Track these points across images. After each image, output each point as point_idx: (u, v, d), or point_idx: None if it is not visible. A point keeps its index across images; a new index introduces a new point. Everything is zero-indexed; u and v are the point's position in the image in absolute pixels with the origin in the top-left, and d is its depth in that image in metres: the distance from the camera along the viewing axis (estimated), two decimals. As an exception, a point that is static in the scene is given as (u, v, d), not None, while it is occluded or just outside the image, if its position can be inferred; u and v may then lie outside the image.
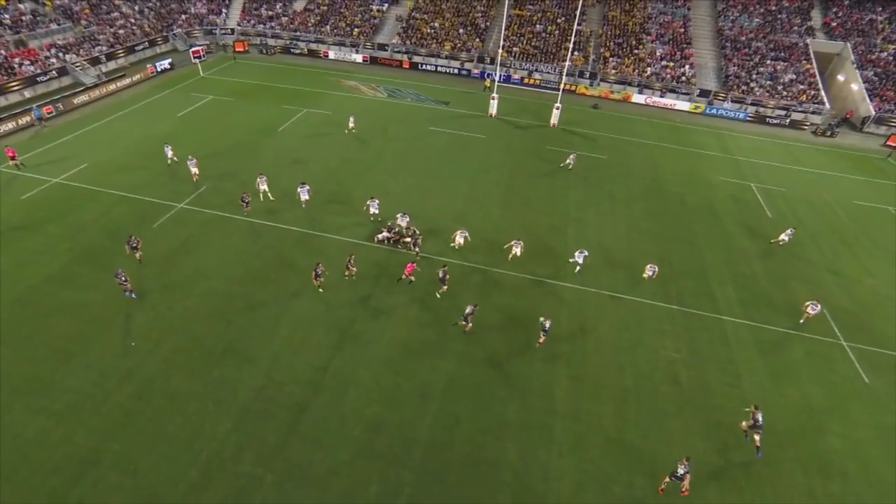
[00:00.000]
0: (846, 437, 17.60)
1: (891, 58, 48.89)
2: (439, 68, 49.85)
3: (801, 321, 21.63)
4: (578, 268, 23.23)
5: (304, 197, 26.11)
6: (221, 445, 15.47)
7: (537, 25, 53.02)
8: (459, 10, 54.89)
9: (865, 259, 27.49)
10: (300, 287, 21.55)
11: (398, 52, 51.24)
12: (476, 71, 49.10)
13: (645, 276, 22.91)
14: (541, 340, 19.46)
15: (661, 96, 46.87)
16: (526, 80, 48.17)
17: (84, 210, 25.48)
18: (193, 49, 45.29)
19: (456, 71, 49.45)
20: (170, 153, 29.06)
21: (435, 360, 18.81)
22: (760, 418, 16.37)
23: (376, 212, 25.37)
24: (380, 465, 15.30)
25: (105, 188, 27.43)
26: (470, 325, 19.55)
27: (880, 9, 52.17)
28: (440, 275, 21.09)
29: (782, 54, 50.06)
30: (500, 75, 48.65)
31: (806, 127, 45.21)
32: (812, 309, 21.23)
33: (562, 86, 39.71)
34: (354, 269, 21.50)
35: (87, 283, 20.85)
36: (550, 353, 19.43)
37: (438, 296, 21.38)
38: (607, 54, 50.23)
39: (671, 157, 36.76)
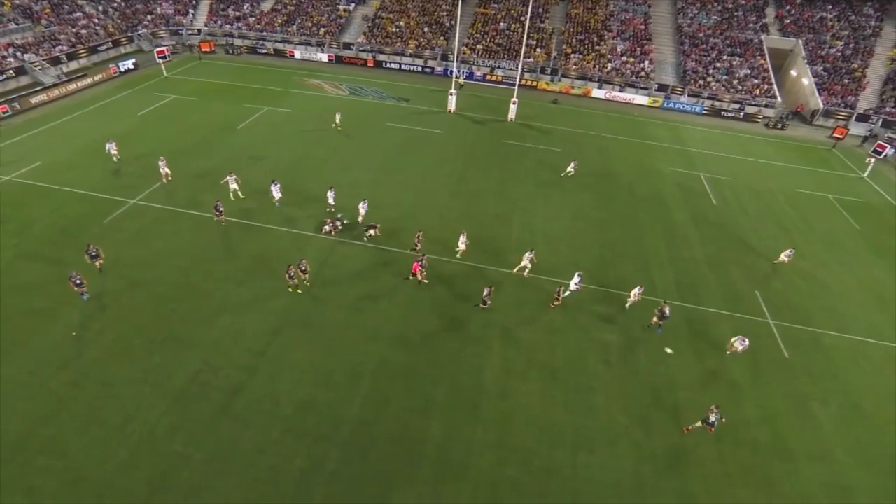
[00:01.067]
0: (761, 408, 18.39)
1: (839, 54, 50.39)
2: (403, 66, 50.38)
3: (728, 352, 20.34)
4: (569, 293, 21.71)
5: (277, 195, 26.34)
6: (153, 427, 15.83)
7: (501, 23, 53.71)
8: (425, 9, 55.44)
9: (800, 243, 28.46)
10: (245, 276, 21.92)
11: (363, 50, 51.67)
12: (439, 69, 49.65)
13: (627, 303, 21.97)
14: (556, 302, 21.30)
15: (621, 91, 47.80)
16: (489, 77, 48.84)
17: (34, 207, 25.59)
18: (158, 49, 45.32)
19: (419, 69, 49.99)
20: (113, 150, 29.20)
21: (370, 344, 19.30)
22: (668, 311, 20.25)
23: (333, 203, 25.87)
24: (307, 442, 15.75)
25: (58, 186, 27.52)
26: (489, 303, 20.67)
27: (830, 7, 53.70)
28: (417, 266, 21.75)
29: (738, 50, 51.32)
30: (463, 72, 49.21)
31: (759, 120, 46.43)
32: (740, 344, 19.66)
33: (518, 81, 40.19)
34: (305, 275, 21.19)
35: (32, 278, 21.03)
36: (485, 336, 20.01)
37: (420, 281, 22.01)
38: (569, 51, 51.08)
39: (625, 149, 37.63)
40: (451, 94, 40.14)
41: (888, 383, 20.08)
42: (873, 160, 37.74)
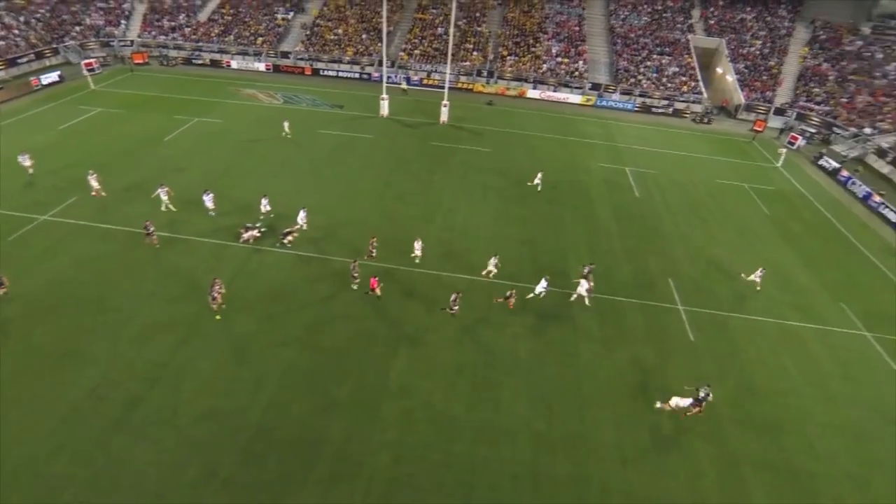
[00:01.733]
0: (662, 391, 18.85)
1: (758, 52, 52.64)
2: (341, 73, 50.21)
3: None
4: (532, 295, 21.98)
5: (210, 205, 25.83)
6: (36, 448, 15.21)
7: (439, 28, 54.08)
8: (363, 17, 55.40)
9: (715, 230, 29.54)
10: (157, 288, 21.39)
11: (301, 59, 51.27)
12: (377, 75, 49.63)
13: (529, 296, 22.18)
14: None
15: (555, 91, 48.75)
16: (425, 81, 49.09)
17: (-67, 226, 24.39)
18: (87, 61, 43.96)
19: (357, 75, 49.88)
20: (26, 163, 28.17)
21: (278, 350, 19.05)
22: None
23: (267, 210, 25.65)
24: (202, 451, 15.43)
25: (-38, 203, 26.31)
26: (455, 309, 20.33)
27: (749, 8, 56.17)
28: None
29: (667, 49, 53.02)
30: (399, 77, 49.36)
31: (687, 115, 48.06)
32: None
33: (447, 84, 40.45)
34: (219, 296, 20.12)
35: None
36: (394, 337, 19.98)
37: (354, 288, 21.69)
38: (505, 53, 51.80)
39: (555, 147, 38.34)
40: (383, 99, 40.18)
41: (781, 359, 20.93)
42: (785, 151, 39.41)
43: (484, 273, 23.04)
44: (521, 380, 18.78)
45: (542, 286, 21.80)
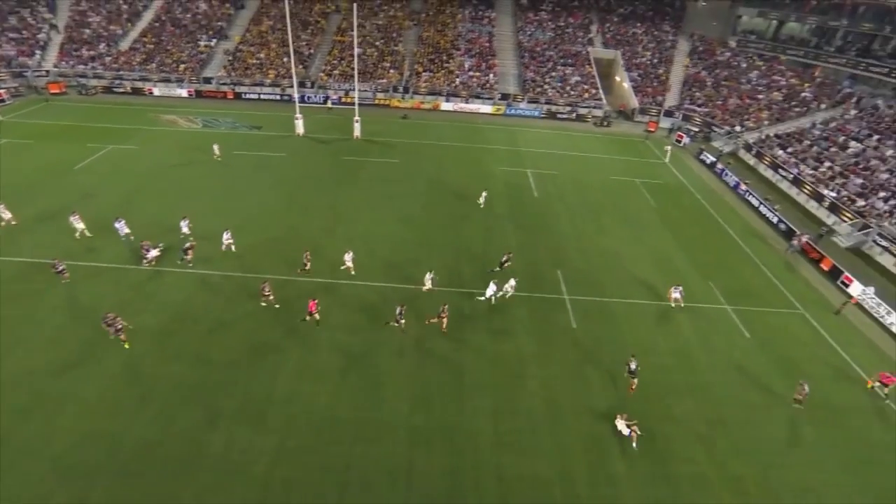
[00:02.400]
0: (540, 378, 19.14)
1: (648, 62, 55.26)
2: (262, 96, 49.04)
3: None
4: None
5: (124, 231, 24.43)
6: None
7: (357, 49, 53.60)
8: (284, 41, 54.29)
9: (606, 223, 30.53)
10: (46, 317, 19.98)
11: (223, 84, 49.74)
12: (296, 96, 48.71)
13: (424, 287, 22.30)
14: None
15: (467, 102, 49.37)
16: (344, 99, 48.62)
17: None
18: (-5, 93, 41.02)
19: (278, 97, 48.86)
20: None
21: (168, 365, 18.17)
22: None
23: (186, 232, 24.68)
24: (74, 477, 14.46)
25: None
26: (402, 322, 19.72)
27: (639, 24, 59.07)
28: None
29: (570, 61, 54.70)
30: (321, 96, 48.76)
31: (589, 119, 49.60)
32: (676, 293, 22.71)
33: (356, 101, 40.14)
34: (120, 327, 18.59)
35: None
36: (284, 345, 19.46)
37: (264, 304, 20.83)
38: (421, 69, 52.03)
39: (463, 154, 38.69)
40: (297, 119, 39.47)
41: (654, 336, 21.69)
42: (670, 148, 41.45)
43: (425, 290, 22.28)
44: (405, 377, 18.60)
45: (510, 285, 22.28)
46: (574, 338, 21.37)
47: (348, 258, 22.99)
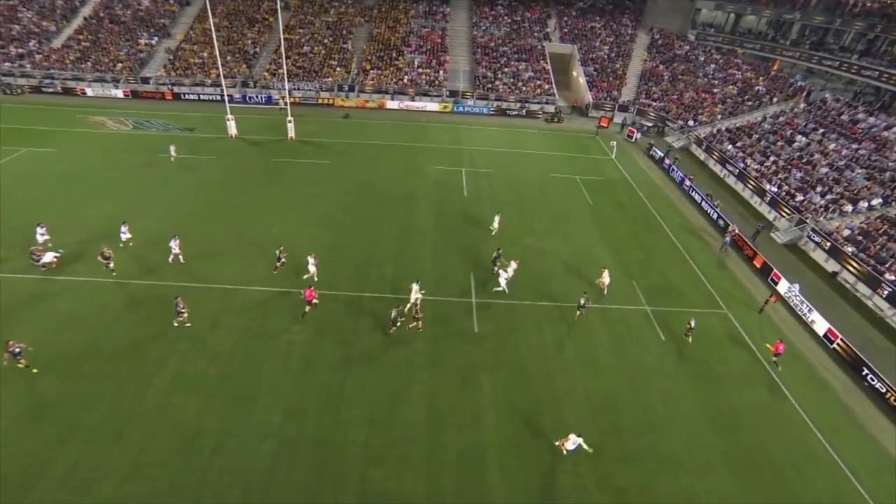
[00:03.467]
0: (427, 385, 18.74)
1: (605, 56, 55.21)
2: (203, 97, 48.36)
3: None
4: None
5: (44, 237, 23.72)
6: None
7: (304, 46, 53.28)
8: (230, 39, 53.75)
9: (534, 222, 30.33)
10: None
11: (162, 84, 49.00)
12: (238, 95, 48.24)
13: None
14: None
15: (413, 100, 49.00)
16: (288, 100, 47.91)
17: None
18: None
19: (218, 97, 48.12)
20: None
21: (29, 379, 17.52)
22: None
23: (128, 236, 24.31)
24: None
25: None
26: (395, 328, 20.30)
27: (598, 18, 59.18)
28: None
29: (524, 56, 54.55)
30: (262, 96, 48.28)
31: (540, 116, 49.51)
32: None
33: (288, 100, 39.71)
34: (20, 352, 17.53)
35: None
36: (164, 355, 18.92)
37: (177, 325, 20.12)
38: (369, 67, 51.65)
39: (399, 154, 38.37)
40: (229, 120, 38.92)
41: (560, 340, 21.37)
42: (616, 144, 41.44)
43: (408, 306, 21.62)
44: (286, 386, 18.15)
45: (512, 268, 23.34)
46: (473, 343, 20.99)
47: (311, 262, 22.63)
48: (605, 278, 23.83)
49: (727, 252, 29.32)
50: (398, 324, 20.24)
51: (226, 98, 39.91)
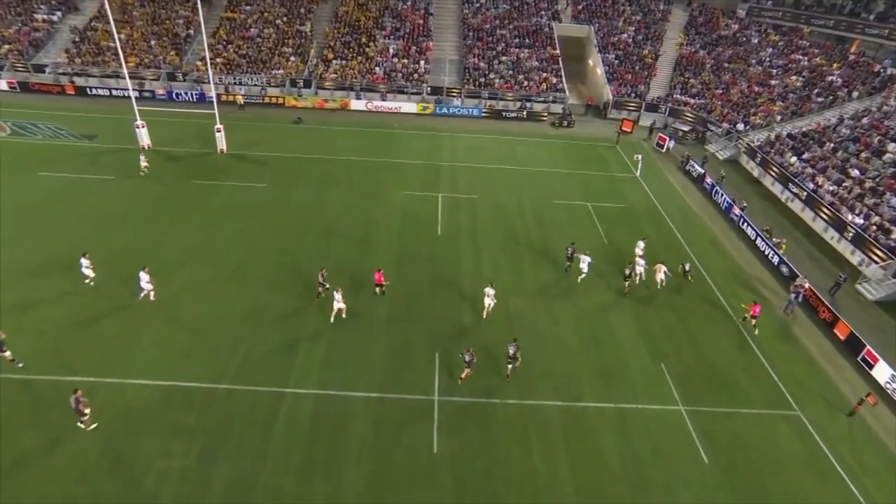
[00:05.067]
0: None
1: (629, 39, 51.13)
2: (115, 92, 44.30)
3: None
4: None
5: None
6: None
7: (251, 29, 49.41)
8: (156, 17, 49.82)
9: (525, 276, 25.90)
10: None
11: (62, 73, 44.98)
12: (162, 91, 44.20)
13: None
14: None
15: (384, 100, 45.30)
16: (224, 98, 43.98)
17: None
18: None
19: (137, 94, 43.96)
20: None
21: None
22: None
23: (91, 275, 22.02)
24: None
25: None
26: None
27: (622, -11, 54.75)
28: None
29: (527, 41, 50.56)
30: (194, 92, 44.38)
31: (545, 118, 45.53)
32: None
33: (215, 104, 35.33)
34: None
35: None
36: None
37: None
38: (331, 56, 47.78)
39: (360, 173, 34.37)
40: (139, 127, 34.76)
41: (550, 468, 16.83)
42: (642, 157, 37.12)
43: (484, 314, 22.28)
44: None
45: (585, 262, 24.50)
46: (429, 474, 16.49)
47: (338, 297, 21.20)
48: (660, 274, 24.82)
49: (795, 315, 24.74)
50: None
51: (132, 98, 35.43)
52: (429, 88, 45.93)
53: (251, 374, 19.20)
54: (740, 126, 41.59)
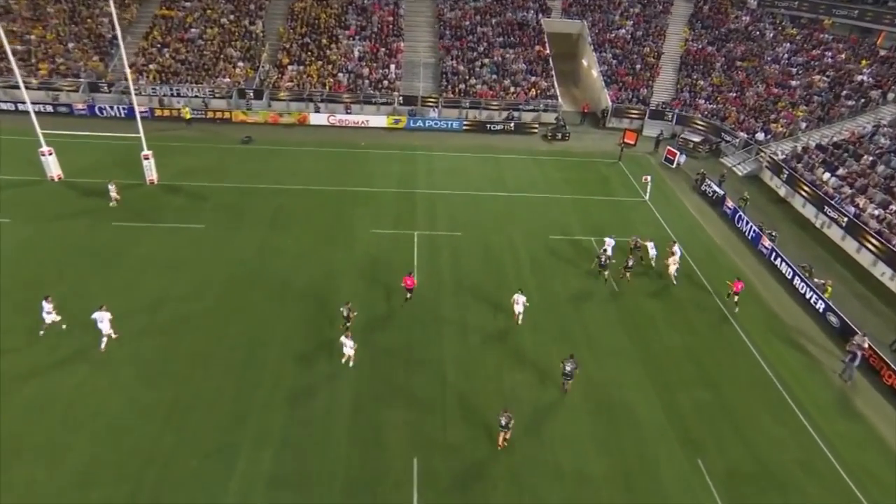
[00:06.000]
0: None
1: (627, 35, 48.79)
2: (21, 107, 40.00)
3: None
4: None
5: None
6: None
7: (191, 29, 45.91)
8: (75, 14, 45.88)
9: (520, 343, 22.56)
10: None
11: (-47, 84, 40.81)
12: (81, 106, 40.36)
13: None
14: None
15: (348, 113, 42.27)
16: (160, 113, 40.45)
17: None
18: None
19: (51, 109, 40.18)
20: None
21: None
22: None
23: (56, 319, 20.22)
24: None
25: None
26: None
27: (619, -21, 52.41)
28: None
29: (513, 38, 48.18)
30: (122, 107, 40.64)
31: (536, 129, 43.03)
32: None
33: (139, 125, 31.22)
34: None
35: None
36: None
37: None
38: (286, 61, 44.48)
39: (318, 206, 31.11)
40: (45, 154, 30.86)
41: None
42: (650, 179, 34.25)
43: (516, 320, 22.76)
44: None
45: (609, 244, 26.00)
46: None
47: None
48: (673, 263, 25.88)
49: (854, 380, 21.92)
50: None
51: (32, 115, 30.70)
52: (401, 98, 43.03)
53: (172, 498, 15.64)
54: (760, 135, 39.34)
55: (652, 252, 27.02)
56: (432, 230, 29.68)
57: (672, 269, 26.25)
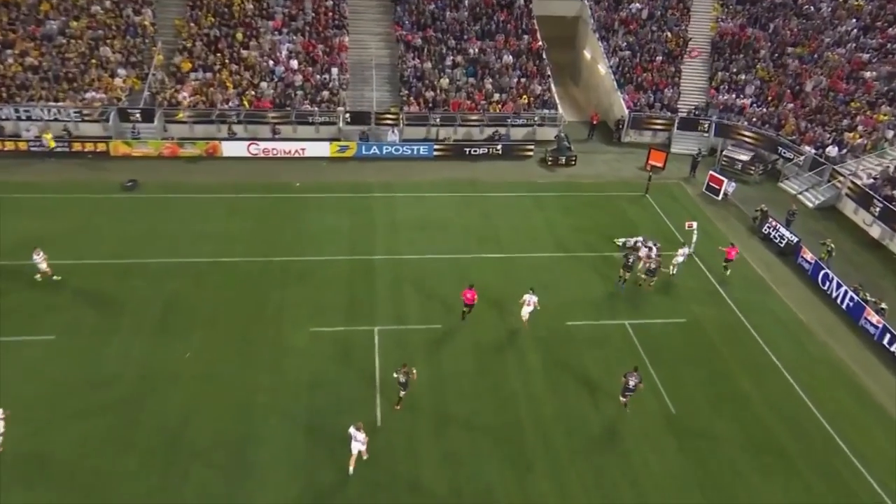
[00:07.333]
0: None
1: (640, 16, 47.28)
2: None
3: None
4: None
5: None
6: None
7: (49, 23, 41.93)
8: None
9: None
10: None
11: None
12: None
13: None
14: None
15: (275, 136, 38.95)
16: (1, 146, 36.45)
17: None
18: None
19: None
20: None
21: None
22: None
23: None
24: None
25: None
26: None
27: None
28: None
29: (496, 24, 46.32)
30: None
31: (531, 151, 40.26)
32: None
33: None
34: None
35: None
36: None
37: None
38: (187, 66, 40.40)
39: (231, 293, 26.66)
40: None
41: None
42: (696, 225, 30.95)
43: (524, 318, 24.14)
44: None
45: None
46: None
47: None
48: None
49: None
50: None
51: None
52: (347, 115, 40.09)
53: None
54: (832, 150, 36.78)
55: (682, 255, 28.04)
56: (400, 323, 25.52)
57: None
